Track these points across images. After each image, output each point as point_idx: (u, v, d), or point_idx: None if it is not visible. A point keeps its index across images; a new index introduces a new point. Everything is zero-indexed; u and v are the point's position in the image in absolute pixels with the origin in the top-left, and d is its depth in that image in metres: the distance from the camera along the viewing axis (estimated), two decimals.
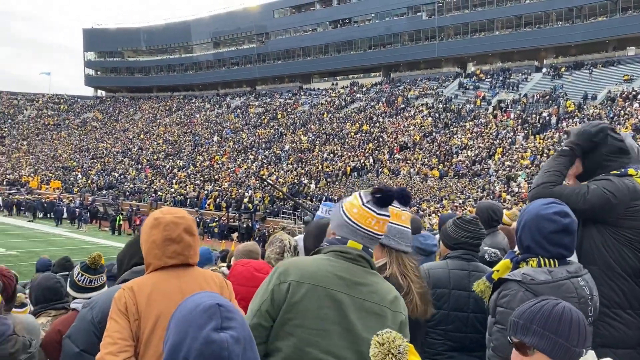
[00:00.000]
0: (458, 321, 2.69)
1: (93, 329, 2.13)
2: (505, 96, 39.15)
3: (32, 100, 78.92)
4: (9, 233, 25.79)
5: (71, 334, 2.20)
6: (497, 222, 3.96)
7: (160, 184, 39.52)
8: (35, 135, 67.30)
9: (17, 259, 18.21)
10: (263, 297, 1.72)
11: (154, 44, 69.51)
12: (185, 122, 57.69)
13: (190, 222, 2.04)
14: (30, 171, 50.14)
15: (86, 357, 2.02)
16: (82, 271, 2.98)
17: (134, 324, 1.86)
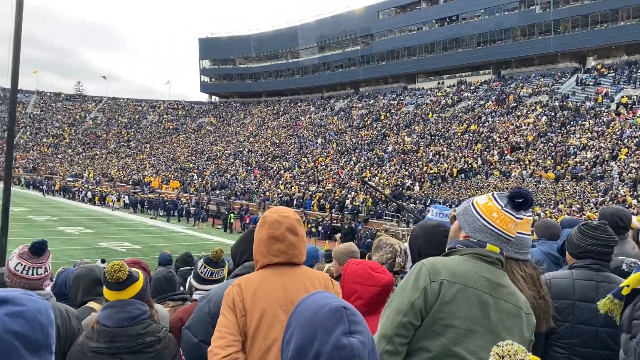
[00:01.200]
0: (585, 335, 2.48)
1: (210, 320, 2.23)
2: (632, 92, 35.71)
3: (154, 107, 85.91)
4: (134, 229, 28.21)
5: (190, 325, 2.33)
6: (624, 229, 3.58)
7: (267, 184, 41.08)
8: (156, 139, 73.15)
9: (141, 253, 19.83)
10: (413, 295, 1.68)
11: (263, 51, 72.53)
12: (291, 125, 59.48)
13: (293, 222, 2.07)
14: (152, 172, 54.49)
15: (205, 347, 2.13)
16: (205, 264, 3.16)
17: (241, 320, 1.93)
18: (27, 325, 1.16)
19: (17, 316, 1.15)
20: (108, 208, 38.55)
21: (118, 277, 2.11)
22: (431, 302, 1.66)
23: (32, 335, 1.16)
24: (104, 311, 2.16)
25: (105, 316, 2.13)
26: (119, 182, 51.73)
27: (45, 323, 1.19)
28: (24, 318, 1.16)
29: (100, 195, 41.81)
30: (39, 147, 73.74)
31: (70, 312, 2.39)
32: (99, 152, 72.35)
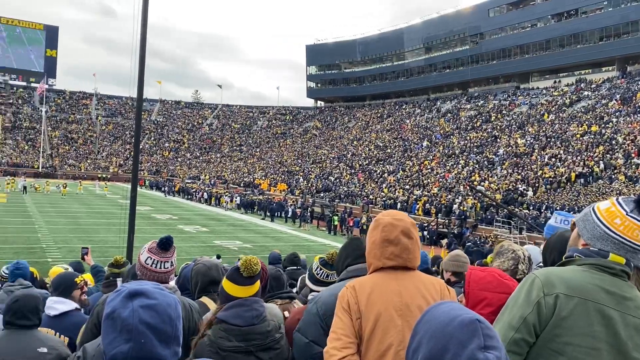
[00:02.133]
0: None
1: (319, 321, 2.28)
2: None
3: (264, 113, 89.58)
4: (245, 228, 29.60)
5: (300, 327, 2.39)
6: None
7: (371, 187, 41.07)
8: (265, 143, 76.19)
9: (252, 251, 20.75)
10: (525, 310, 1.58)
11: (368, 55, 72.75)
12: (395, 128, 58.97)
13: (408, 225, 2.04)
14: (262, 175, 56.82)
15: (315, 347, 2.17)
16: (321, 265, 3.22)
17: (356, 322, 1.93)
18: (159, 317, 1.25)
19: (150, 308, 1.25)
20: (222, 208, 40.82)
21: (254, 270, 2.22)
22: (546, 317, 1.55)
23: (162, 327, 1.25)
24: (230, 310, 2.25)
25: (234, 315, 2.22)
26: (231, 184, 54.62)
27: (174, 316, 1.29)
28: (155, 310, 1.25)
29: (215, 196, 44.43)
30: (161, 152, 80.00)
31: (193, 306, 2.56)
32: (214, 156, 76.90)
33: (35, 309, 2.58)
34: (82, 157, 74.94)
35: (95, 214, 30.97)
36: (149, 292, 1.28)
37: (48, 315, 3.04)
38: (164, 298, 1.29)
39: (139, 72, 6.78)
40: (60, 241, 20.47)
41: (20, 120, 78.48)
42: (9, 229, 22.69)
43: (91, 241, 20.96)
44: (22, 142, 74.14)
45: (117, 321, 1.25)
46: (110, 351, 1.24)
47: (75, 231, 23.43)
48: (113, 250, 19.11)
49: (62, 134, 79.10)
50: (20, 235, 21.47)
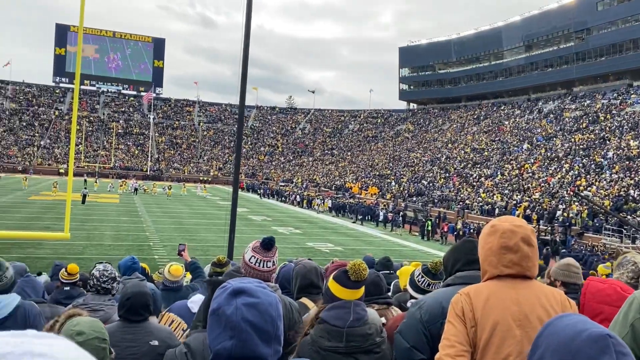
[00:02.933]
0: None
1: (421, 327, 2.21)
2: None
3: (355, 116, 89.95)
4: (336, 231, 29.84)
5: (402, 330, 2.34)
6: None
7: (467, 192, 39.73)
8: (357, 147, 76.42)
9: (343, 254, 20.85)
10: (622, 331, 1.49)
11: (464, 55, 70.60)
12: (493, 130, 56.64)
13: (528, 232, 1.92)
14: (353, 178, 57.02)
15: (415, 353, 2.11)
16: (423, 274, 3.17)
17: (471, 330, 1.85)
18: (260, 316, 1.27)
19: (252, 307, 1.27)
20: (314, 211, 41.49)
21: (362, 275, 2.23)
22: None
23: (264, 326, 1.27)
24: (332, 311, 2.26)
25: (335, 316, 2.24)
26: (323, 187, 55.35)
27: (275, 316, 1.30)
28: (257, 309, 1.28)
29: (307, 199, 45.26)
30: (257, 155, 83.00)
31: (293, 305, 2.60)
32: (307, 159, 78.45)
33: (146, 305, 2.75)
34: (185, 160, 79.70)
35: (197, 215, 32.73)
36: (252, 290, 1.31)
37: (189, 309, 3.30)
38: (266, 297, 1.31)
39: (242, 80, 7.05)
40: (166, 239, 21.84)
41: (131, 127, 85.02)
42: (122, 228, 24.62)
43: (193, 240, 22.17)
44: (133, 147, 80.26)
45: (221, 317, 1.28)
46: (215, 346, 1.28)
47: (178, 230, 24.91)
48: (213, 249, 20.08)
49: (168, 139, 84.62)
50: (131, 233, 23.20)
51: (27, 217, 25.63)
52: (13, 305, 2.82)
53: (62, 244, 17.95)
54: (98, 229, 23.60)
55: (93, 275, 3.19)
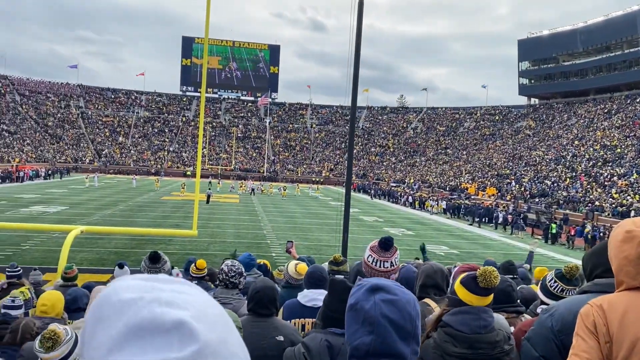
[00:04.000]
0: None
1: (552, 336, 2.06)
2: None
3: (471, 114, 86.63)
4: (451, 233, 28.94)
5: (531, 338, 2.19)
6: None
7: (597, 193, 36.51)
8: (473, 145, 73.56)
9: (459, 257, 20.16)
10: None
11: (592, 44, 64.96)
12: (627, 125, 51.45)
13: None
14: (469, 178, 54.93)
15: None
16: (556, 278, 2.99)
17: (605, 347, 1.67)
18: (399, 313, 1.25)
19: (391, 303, 1.26)
20: (427, 212, 40.64)
21: (493, 283, 2.14)
22: None
23: (402, 323, 1.25)
24: (457, 316, 2.20)
25: (460, 322, 2.17)
26: (436, 187, 54.00)
27: (413, 314, 1.27)
28: (396, 306, 1.26)
29: (420, 200, 44.43)
30: (368, 156, 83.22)
31: None
32: (419, 159, 77.09)
33: (274, 300, 2.86)
34: (299, 162, 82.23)
35: (310, 215, 33.57)
36: (389, 287, 1.30)
37: (304, 305, 3.41)
38: (403, 295, 1.29)
39: (353, 82, 7.09)
40: (282, 238, 22.65)
41: (250, 131, 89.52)
42: (242, 226, 25.98)
43: (306, 239, 22.78)
44: (251, 150, 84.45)
45: (359, 313, 1.28)
46: (354, 341, 1.29)
47: (293, 229, 25.72)
48: (326, 248, 20.46)
49: (283, 142, 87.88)
50: (250, 231, 24.40)
51: (160, 216, 27.99)
52: None
53: (189, 240, 19.37)
54: (221, 227, 25.13)
55: (222, 270, 3.38)
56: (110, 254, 16.96)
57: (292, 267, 4.16)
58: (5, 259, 15.54)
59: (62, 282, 4.99)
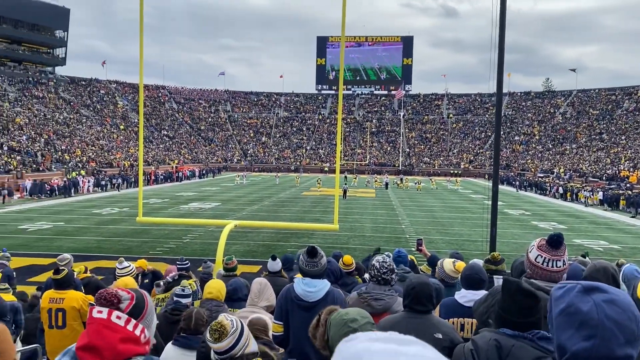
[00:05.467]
0: None
1: None
2: None
3: (630, 94, 77.38)
4: (611, 227, 26.17)
5: None
6: None
7: None
8: (634, 129, 65.67)
9: (621, 254, 18.16)
10: None
11: None
12: None
13: None
14: (629, 166, 49.20)
15: None
16: None
17: None
18: (624, 314, 1.14)
19: (613, 303, 1.15)
20: (580, 204, 37.27)
21: None
22: None
23: (628, 325, 1.14)
24: None
25: None
26: (591, 177, 49.22)
27: (637, 314, 1.16)
28: (619, 306, 1.15)
29: (572, 191, 40.86)
30: (511, 145, 78.45)
31: None
32: (569, 147, 70.84)
33: (430, 296, 2.79)
34: (435, 154, 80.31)
35: (449, 208, 32.59)
36: (604, 286, 1.20)
37: (462, 305, 3.34)
38: (621, 294, 1.18)
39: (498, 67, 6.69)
40: (421, 232, 22.30)
41: (383, 125, 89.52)
42: (379, 220, 26.07)
43: (447, 234, 22.15)
44: (385, 144, 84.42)
45: (575, 316, 1.19)
46: (572, 347, 1.19)
47: (432, 224, 25.17)
48: (468, 243, 19.72)
49: (418, 135, 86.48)
50: (388, 225, 24.38)
51: (301, 210, 29.20)
52: (325, 290, 3.25)
53: (330, 234, 19.93)
54: (359, 221, 25.47)
55: (373, 266, 3.39)
56: (259, 247, 18.09)
57: (449, 264, 4.02)
58: (169, 251, 17.36)
59: (224, 272, 5.41)
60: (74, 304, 5.04)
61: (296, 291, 3.33)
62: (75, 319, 5.06)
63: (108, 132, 68.93)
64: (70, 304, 5.04)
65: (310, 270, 3.35)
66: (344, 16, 9.39)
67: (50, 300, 5.07)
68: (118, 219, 24.66)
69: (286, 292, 3.43)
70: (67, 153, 50.85)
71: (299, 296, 3.31)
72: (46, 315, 5.07)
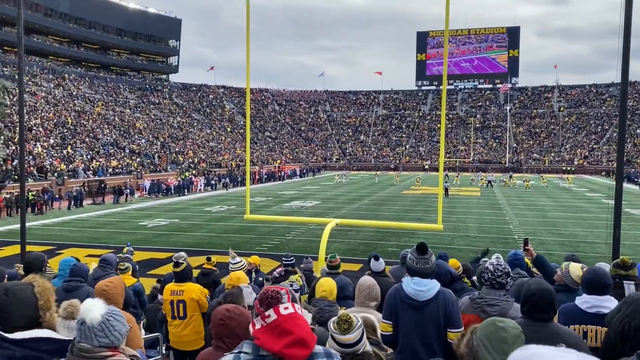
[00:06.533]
0: None
1: None
2: None
3: None
4: None
5: None
6: None
7: None
8: None
9: None
10: None
11: None
12: None
13: None
14: None
15: None
16: None
17: None
18: None
19: None
20: None
21: None
22: None
23: None
24: None
25: None
26: None
27: None
28: None
29: None
30: (633, 140, 71.74)
31: None
32: None
33: (551, 303, 2.62)
34: (545, 150, 75.56)
35: (562, 207, 30.51)
36: None
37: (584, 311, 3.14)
38: None
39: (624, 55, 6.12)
40: (530, 233, 21.09)
41: (488, 120, 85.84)
42: (485, 220, 25.03)
43: (560, 234, 20.75)
44: (491, 140, 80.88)
45: None
46: None
47: (543, 224, 23.69)
48: (584, 245, 18.34)
49: (526, 130, 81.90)
50: (494, 225, 23.33)
51: (401, 209, 28.85)
52: (436, 289, 3.19)
53: (432, 234, 19.48)
54: (463, 220, 24.64)
55: (487, 269, 3.25)
56: (359, 245, 18.14)
57: (577, 270, 3.73)
58: (274, 247, 17.96)
59: (328, 270, 5.48)
60: (193, 296, 5.39)
61: (405, 290, 3.27)
62: (195, 309, 5.41)
63: (217, 134, 72.90)
64: (190, 295, 5.40)
65: (420, 268, 3.26)
66: (447, 9, 9.12)
67: (172, 293, 5.46)
68: (227, 216, 25.96)
69: (394, 291, 3.38)
70: (180, 154, 54.52)
71: (409, 295, 3.25)
72: (169, 307, 5.46)
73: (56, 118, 47.74)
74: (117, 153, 46.59)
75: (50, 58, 67.96)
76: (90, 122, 51.80)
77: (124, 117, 59.92)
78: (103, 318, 1.96)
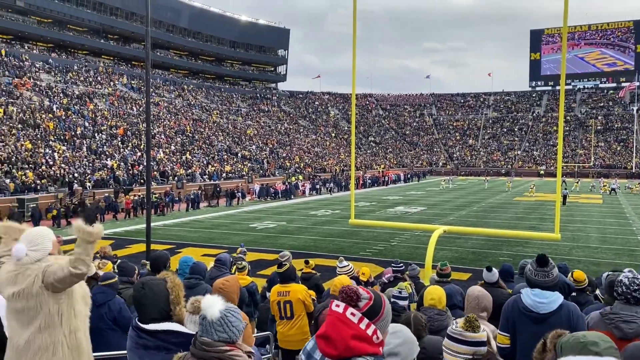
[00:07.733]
0: None
1: None
2: None
3: None
4: None
5: None
6: None
7: None
8: None
9: None
10: None
11: None
12: None
13: None
14: None
15: None
16: None
17: None
18: None
19: None
20: None
21: None
22: None
23: None
24: None
25: None
26: None
27: None
28: None
29: None
30: None
31: None
32: None
33: None
34: None
35: None
36: None
37: None
38: None
39: None
40: None
41: (612, 122, 78.89)
42: (608, 230, 22.96)
43: None
44: (614, 143, 74.24)
45: None
46: None
47: None
48: None
49: None
50: (619, 236, 21.32)
51: (513, 217, 27.36)
52: (558, 302, 2.99)
53: (547, 244, 18.24)
54: (582, 230, 22.83)
55: (621, 283, 2.96)
56: (468, 254, 17.46)
57: None
58: (378, 253, 17.85)
59: (437, 278, 5.32)
60: (299, 296, 5.52)
61: (524, 301, 3.08)
62: (301, 310, 5.53)
63: (322, 140, 74.32)
64: (296, 296, 5.53)
65: (540, 280, 3.06)
66: (566, 3, 8.53)
67: (279, 294, 5.64)
68: (331, 220, 26.32)
69: (513, 302, 3.20)
70: (287, 160, 56.30)
71: (528, 307, 3.05)
72: (276, 308, 5.64)
73: (176, 126, 51.55)
74: (230, 159, 49.21)
75: (171, 70, 73.61)
76: (207, 130, 55.29)
77: (236, 124, 63.22)
78: (222, 314, 2.06)
